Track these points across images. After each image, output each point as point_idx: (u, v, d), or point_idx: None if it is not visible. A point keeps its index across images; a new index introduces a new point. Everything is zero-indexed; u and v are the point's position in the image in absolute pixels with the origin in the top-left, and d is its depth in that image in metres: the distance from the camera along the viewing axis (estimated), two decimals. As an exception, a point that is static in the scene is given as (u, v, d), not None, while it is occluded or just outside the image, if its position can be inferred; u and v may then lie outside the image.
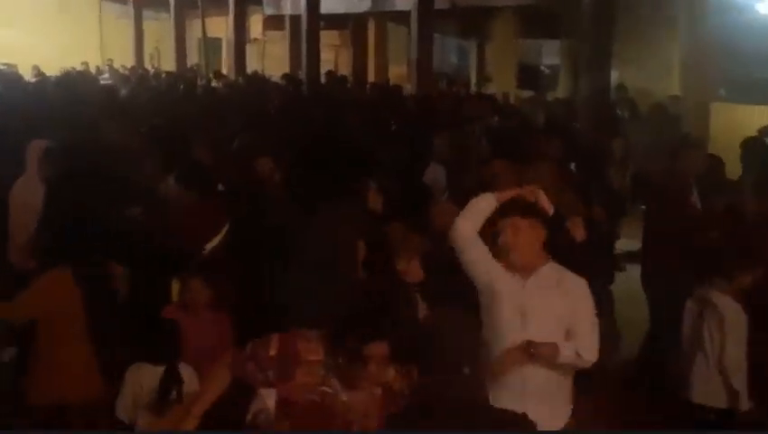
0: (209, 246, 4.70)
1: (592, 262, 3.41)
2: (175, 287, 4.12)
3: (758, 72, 11.62)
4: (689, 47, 11.34)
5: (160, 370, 3.50)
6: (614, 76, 9.81)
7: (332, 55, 19.54)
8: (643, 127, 9.21)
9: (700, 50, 11.18)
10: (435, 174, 6.02)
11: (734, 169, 6.02)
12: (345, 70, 18.71)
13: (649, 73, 11.84)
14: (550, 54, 15.73)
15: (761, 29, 10.62)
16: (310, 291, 3.80)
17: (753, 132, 7.41)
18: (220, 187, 5.45)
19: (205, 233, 4.72)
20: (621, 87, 11.00)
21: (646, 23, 11.66)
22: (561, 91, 13.21)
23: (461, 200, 4.63)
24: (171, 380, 3.48)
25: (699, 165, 5.37)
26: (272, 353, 2.69)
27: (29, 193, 5.04)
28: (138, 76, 16.07)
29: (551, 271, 3.27)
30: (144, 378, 3.53)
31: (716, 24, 10.66)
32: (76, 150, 5.40)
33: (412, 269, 3.70)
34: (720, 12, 10.57)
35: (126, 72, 17.33)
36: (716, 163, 5.78)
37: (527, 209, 3.30)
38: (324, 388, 2.66)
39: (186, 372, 3.56)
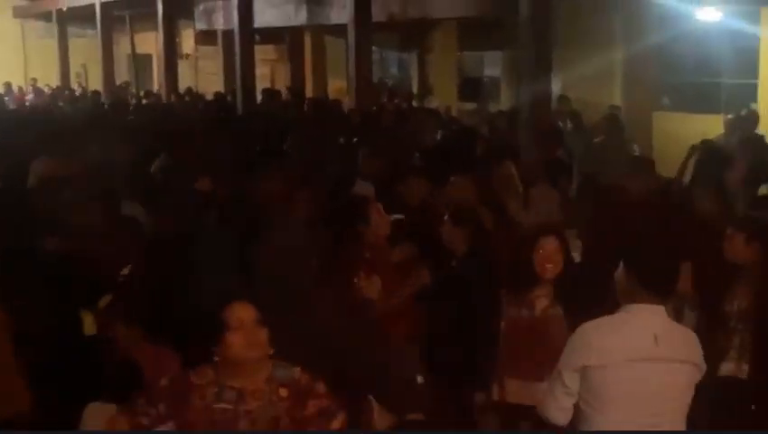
0: (123, 271, 4.44)
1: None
2: (87, 319, 3.95)
3: (700, 80, 11.65)
4: (631, 56, 11.31)
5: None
6: (556, 87, 9.66)
7: (269, 70, 19.10)
8: (587, 138, 9.05)
9: (641, 58, 11.16)
10: (362, 190, 5.88)
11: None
12: (282, 84, 18.27)
13: (591, 83, 11.75)
14: (492, 66, 15.60)
15: (701, 37, 10.65)
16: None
17: (695, 140, 7.24)
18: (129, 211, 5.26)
19: (117, 259, 4.48)
20: (562, 98, 10.85)
21: (586, 33, 11.58)
22: (503, 103, 13.07)
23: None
24: None
25: (647, 189, 5.28)
26: (163, 383, 2.71)
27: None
28: (66, 96, 15.37)
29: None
30: (103, 418, 3.20)
31: (657, 33, 10.65)
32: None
33: (371, 285, 3.63)
34: (660, 20, 10.56)
35: (50, 92, 16.58)
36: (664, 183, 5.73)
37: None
38: (222, 405, 2.62)
39: None
